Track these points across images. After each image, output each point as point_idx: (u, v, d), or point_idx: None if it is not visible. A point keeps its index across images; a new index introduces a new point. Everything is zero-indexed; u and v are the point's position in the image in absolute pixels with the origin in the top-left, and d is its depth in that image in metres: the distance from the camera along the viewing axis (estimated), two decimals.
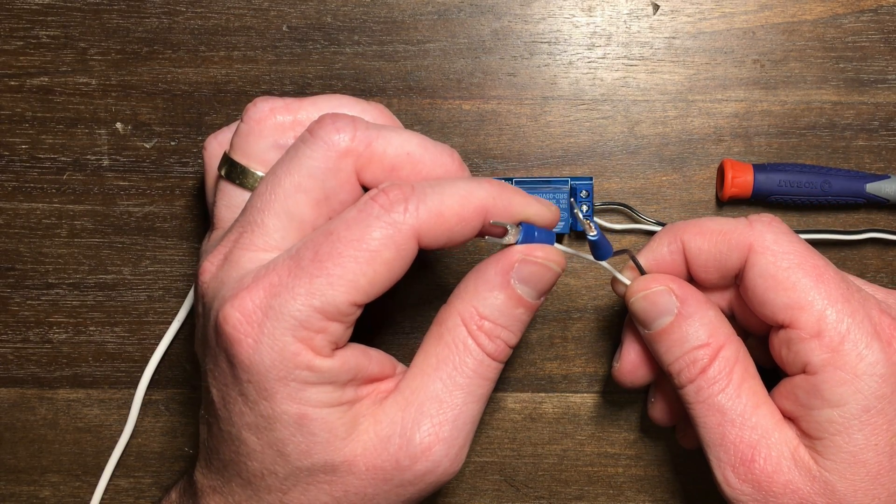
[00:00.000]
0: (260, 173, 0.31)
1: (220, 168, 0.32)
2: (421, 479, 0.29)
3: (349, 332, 0.28)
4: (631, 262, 0.33)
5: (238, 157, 0.31)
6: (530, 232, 0.30)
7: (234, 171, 0.31)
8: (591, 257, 0.32)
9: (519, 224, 0.30)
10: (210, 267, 0.30)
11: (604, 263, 0.32)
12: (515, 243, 0.30)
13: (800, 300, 0.30)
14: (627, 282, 0.33)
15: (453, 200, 0.28)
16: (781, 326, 0.30)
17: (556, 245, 0.30)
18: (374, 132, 0.29)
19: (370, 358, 0.29)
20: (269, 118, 0.31)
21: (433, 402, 0.29)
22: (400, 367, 0.31)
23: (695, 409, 0.31)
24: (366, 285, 0.27)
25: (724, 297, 0.34)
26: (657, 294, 0.32)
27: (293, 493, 0.29)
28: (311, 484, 0.29)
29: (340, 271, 0.27)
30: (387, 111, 0.33)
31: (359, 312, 0.28)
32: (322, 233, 0.28)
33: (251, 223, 0.29)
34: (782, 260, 0.30)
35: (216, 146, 0.34)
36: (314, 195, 0.29)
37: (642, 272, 0.33)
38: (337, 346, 0.28)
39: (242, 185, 0.31)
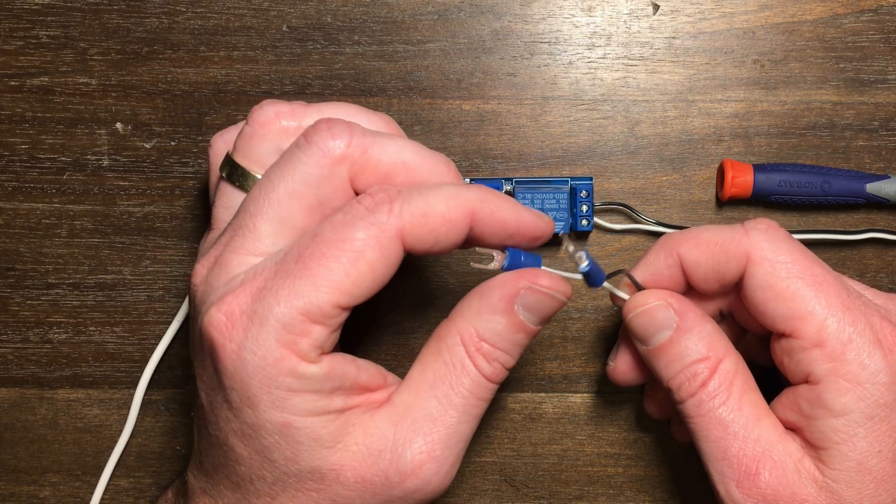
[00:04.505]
0: (257, 175, 0.31)
1: (221, 169, 0.32)
2: (410, 496, 0.29)
3: (335, 336, 0.28)
4: (627, 279, 0.33)
5: (240, 160, 0.31)
6: (516, 257, 0.30)
7: (234, 173, 0.31)
8: (578, 277, 0.31)
9: (505, 249, 0.30)
10: (201, 270, 0.29)
11: (605, 283, 0.32)
12: (501, 269, 0.29)
13: (800, 310, 0.29)
14: (626, 297, 0.33)
15: (439, 202, 0.28)
16: (782, 335, 0.30)
17: (555, 270, 0.30)
18: (370, 139, 0.29)
19: (358, 367, 0.29)
20: (273, 122, 0.31)
21: (427, 420, 0.29)
22: (391, 377, 0.31)
23: (696, 422, 0.31)
24: (350, 286, 0.27)
25: (724, 300, 0.34)
26: (656, 308, 0.31)
27: (281, 499, 0.29)
28: (300, 490, 0.29)
29: (324, 272, 0.27)
30: (393, 123, 0.32)
31: (344, 316, 0.28)
32: (308, 236, 0.28)
33: (243, 227, 0.29)
34: (781, 269, 0.30)
35: (222, 145, 0.34)
36: (308, 201, 0.28)
37: (640, 288, 0.33)
38: (322, 352, 0.28)
39: (242, 188, 0.31)
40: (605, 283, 0.32)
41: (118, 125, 0.40)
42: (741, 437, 0.30)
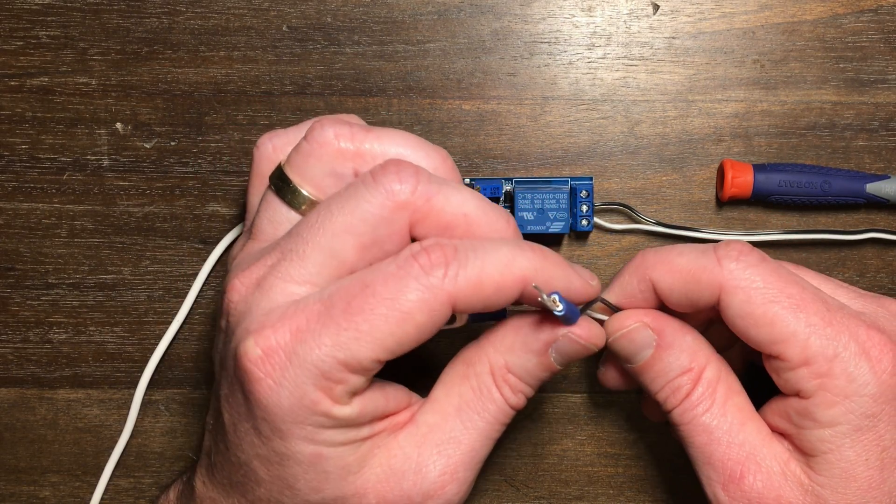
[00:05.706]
0: (307, 194, 0.30)
1: (271, 179, 0.31)
2: None
3: (369, 382, 0.28)
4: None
5: (292, 175, 0.30)
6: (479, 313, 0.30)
7: (285, 188, 0.31)
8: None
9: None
10: (240, 287, 0.29)
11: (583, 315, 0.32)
12: (467, 324, 0.30)
13: (782, 334, 0.29)
14: (605, 318, 0.33)
15: (494, 269, 0.28)
16: (769, 356, 0.30)
17: (525, 309, 0.30)
18: (435, 187, 0.28)
19: (387, 396, 0.29)
20: (332, 143, 0.30)
21: (451, 443, 0.29)
22: (414, 397, 0.31)
23: (682, 430, 0.31)
24: (393, 345, 0.27)
25: (711, 311, 0.34)
26: (633, 331, 0.32)
27: None
28: None
29: (369, 328, 0.27)
30: (449, 159, 0.32)
31: (381, 366, 0.28)
32: (358, 283, 0.27)
33: (292, 252, 0.28)
34: (756, 296, 0.30)
35: (270, 148, 0.33)
36: (362, 239, 0.28)
37: (615, 310, 0.33)
38: (355, 394, 0.28)
39: (290, 204, 0.31)
40: (584, 314, 0.32)
41: (118, 125, 0.40)
42: (725, 441, 0.30)
